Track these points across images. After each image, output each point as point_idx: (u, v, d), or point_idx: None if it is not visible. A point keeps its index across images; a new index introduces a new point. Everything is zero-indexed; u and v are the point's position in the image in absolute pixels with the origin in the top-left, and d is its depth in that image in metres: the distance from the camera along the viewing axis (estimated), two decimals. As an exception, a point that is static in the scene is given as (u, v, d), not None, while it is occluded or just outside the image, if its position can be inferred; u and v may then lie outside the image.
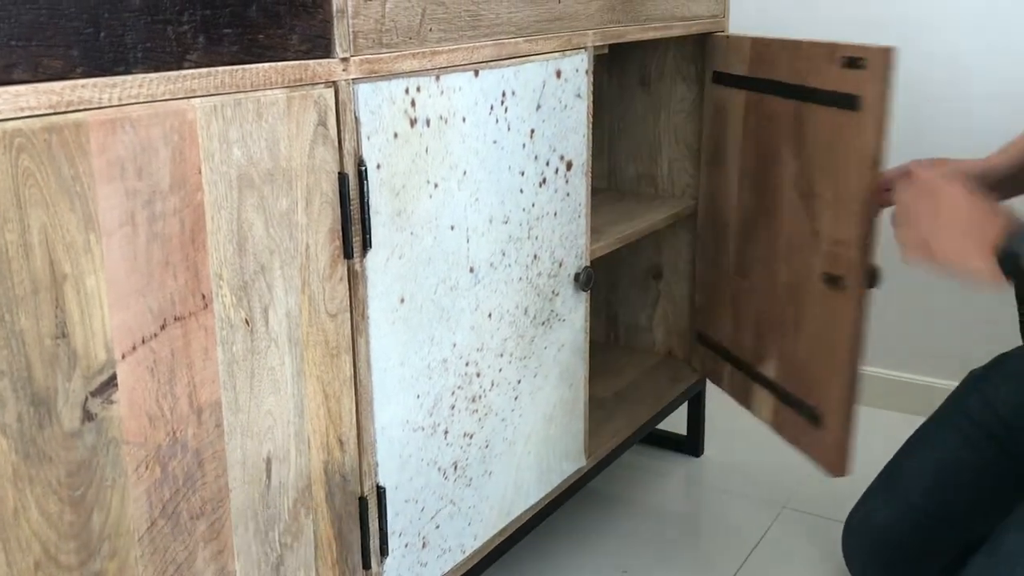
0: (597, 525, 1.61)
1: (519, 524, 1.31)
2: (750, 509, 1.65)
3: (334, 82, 0.90)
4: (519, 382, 1.23)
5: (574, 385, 1.36)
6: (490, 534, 1.24)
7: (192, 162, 0.79)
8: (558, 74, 1.20)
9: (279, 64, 0.85)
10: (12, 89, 0.67)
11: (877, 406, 2.02)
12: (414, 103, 0.99)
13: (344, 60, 0.91)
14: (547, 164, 1.21)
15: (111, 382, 0.76)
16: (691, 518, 1.64)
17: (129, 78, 0.74)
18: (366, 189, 0.95)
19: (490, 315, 1.16)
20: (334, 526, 1.00)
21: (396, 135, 0.97)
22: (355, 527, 1.02)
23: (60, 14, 0.69)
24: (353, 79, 0.92)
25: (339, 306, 0.95)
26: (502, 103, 1.11)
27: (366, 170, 0.94)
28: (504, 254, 1.16)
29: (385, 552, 1.06)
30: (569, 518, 1.63)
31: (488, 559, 1.26)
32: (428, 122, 1.01)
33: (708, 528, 1.61)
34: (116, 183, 0.74)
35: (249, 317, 0.86)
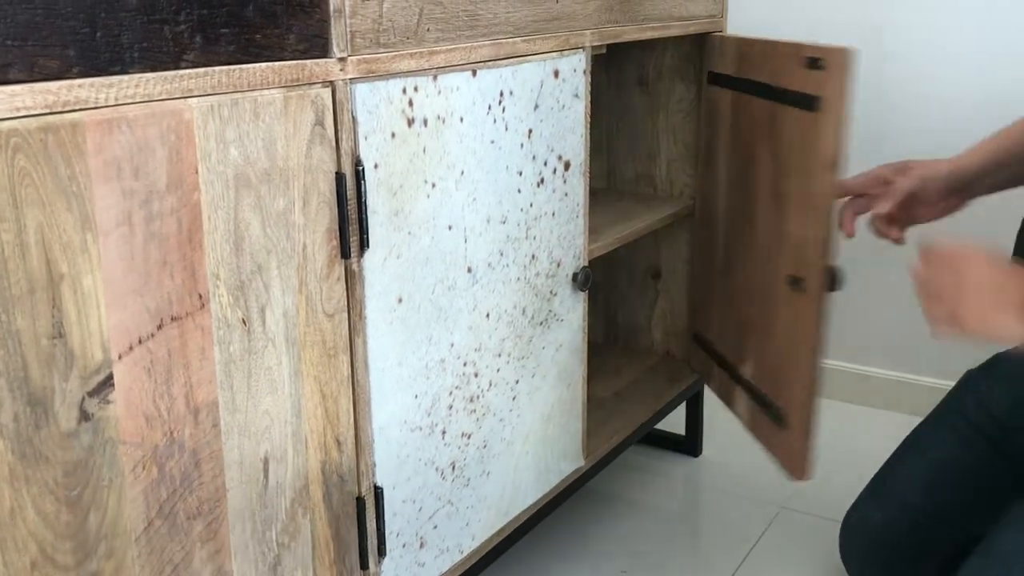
0: (595, 525, 1.61)
1: (517, 524, 1.31)
2: (748, 509, 1.65)
3: (331, 82, 0.90)
4: (517, 382, 1.23)
5: (572, 385, 1.36)
6: (488, 534, 1.24)
7: (189, 162, 0.79)
8: (556, 74, 1.20)
9: (276, 64, 0.85)
10: (8, 89, 0.67)
11: (876, 406, 2.03)
12: (412, 103, 0.99)
13: (341, 60, 0.91)
14: (545, 164, 1.21)
15: (108, 382, 0.76)
16: (689, 518, 1.64)
17: (126, 78, 0.74)
18: (363, 189, 0.95)
19: (488, 315, 1.16)
20: (331, 526, 1.00)
21: (393, 135, 0.97)
22: (352, 527, 1.02)
23: (56, 14, 0.69)
24: (350, 79, 0.92)
25: (336, 306, 0.95)
26: (500, 103, 1.11)
27: (363, 170, 0.94)
28: (502, 254, 1.16)
29: (383, 552, 1.06)
30: (567, 518, 1.63)
31: (486, 559, 1.26)
32: (426, 122, 1.01)
33: (706, 528, 1.61)
34: (113, 183, 0.74)
35: (246, 317, 0.86)
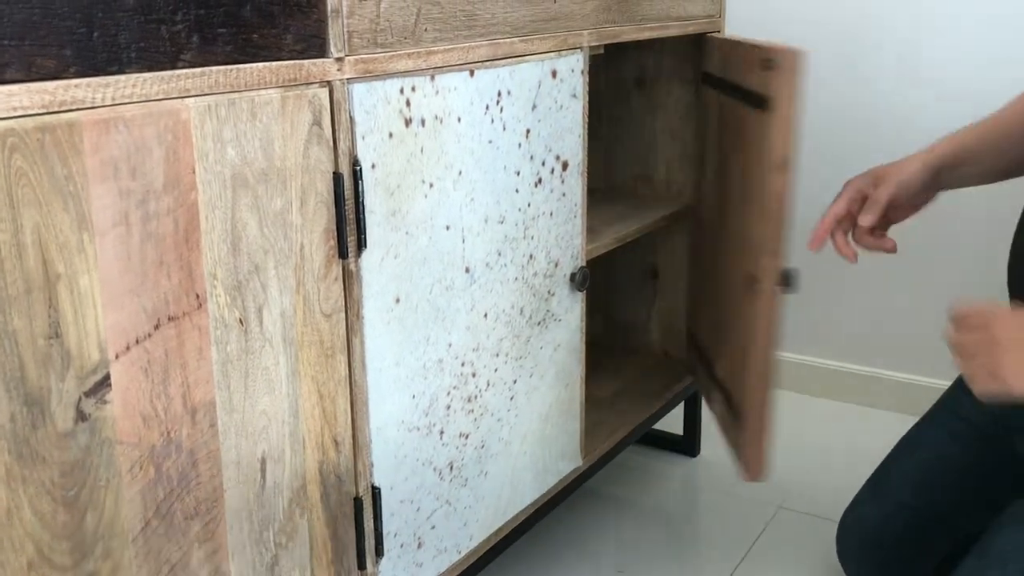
0: (593, 525, 1.61)
1: (515, 524, 1.31)
2: (746, 509, 1.66)
3: (329, 82, 0.90)
4: (515, 382, 1.23)
5: (570, 385, 1.36)
6: (486, 534, 1.24)
7: (186, 162, 0.79)
8: (554, 74, 1.20)
9: (273, 64, 0.85)
10: (5, 89, 0.66)
11: (873, 406, 2.03)
12: (409, 103, 0.99)
13: (339, 60, 0.91)
14: (543, 164, 1.21)
15: (105, 382, 0.76)
16: (687, 518, 1.64)
17: (123, 78, 0.74)
18: (361, 189, 0.95)
19: (486, 315, 1.16)
20: (329, 526, 1.00)
21: (391, 135, 0.97)
22: (350, 527, 1.02)
23: (53, 13, 0.69)
24: (348, 79, 0.92)
25: (334, 306, 0.95)
26: (497, 103, 1.11)
27: (361, 170, 0.94)
28: (500, 254, 1.16)
29: (380, 552, 1.06)
30: (565, 518, 1.63)
31: (484, 559, 1.26)
32: (423, 122, 1.01)
33: (704, 528, 1.61)
34: (110, 183, 0.73)
35: (243, 317, 0.86)
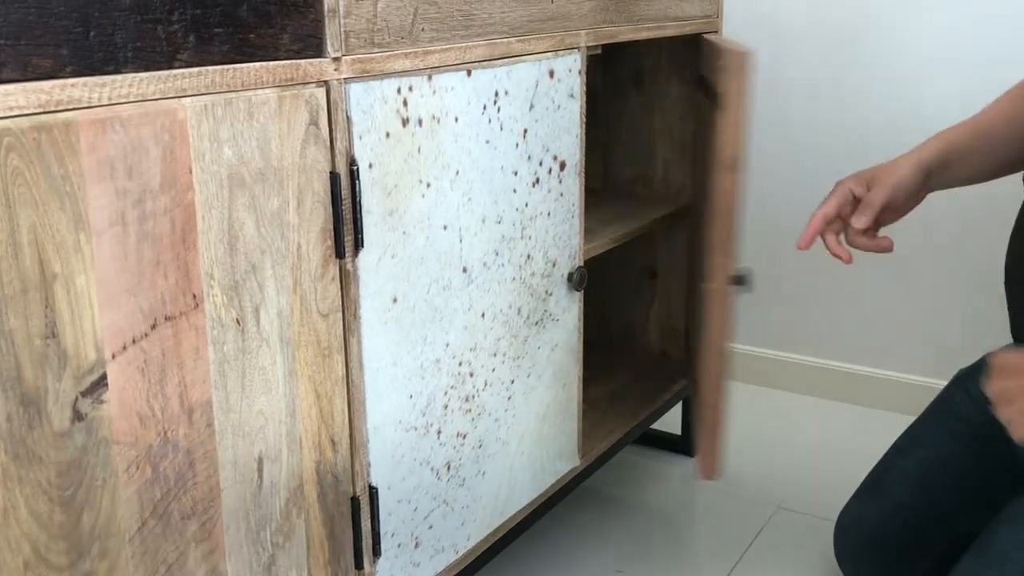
0: (591, 525, 1.61)
1: (513, 524, 1.31)
2: (744, 509, 1.66)
3: (326, 82, 0.90)
4: (512, 382, 1.23)
5: (568, 385, 1.36)
6: (484, 534, 1.24)
7: (183, 161, 0.79)
8: (551, 74, 1.20)
9: (270, 64, 0.85)
10: (1, 88, 0.66)
11: (871, 406, 2.03)
12: (406, 103, 0.99)
13: (336, 60, 0.91)
14: (540, 164, 1.21)
15: (101, 382, 0.76)
16: (685, 518, 1.64)
17: (119, 77, 0.74)
18: (358, 189, 0.95)
19: (483, 315, 1.16)
20: (326, 526, 1.00)
21: (388, 135, 0.97)
22: (347, 527, 1.02)
23: (49, 13, 0.69)
24: (345, 79, 0.92)
25: (331, 306, 0.95)
26: (495, 103, 1.11)
27: (358, 170, 0.94)
28: (497, 254, 1.16)
29: (378, 552, 1.06)
30: (563, 518, 1.63)
31: (482, 559, 1.26)
32: (420, 122, 1.01)
33: (702, 528, 1.61)
34: (106, 182, 0.73)
35: (240, 317, 0.86)
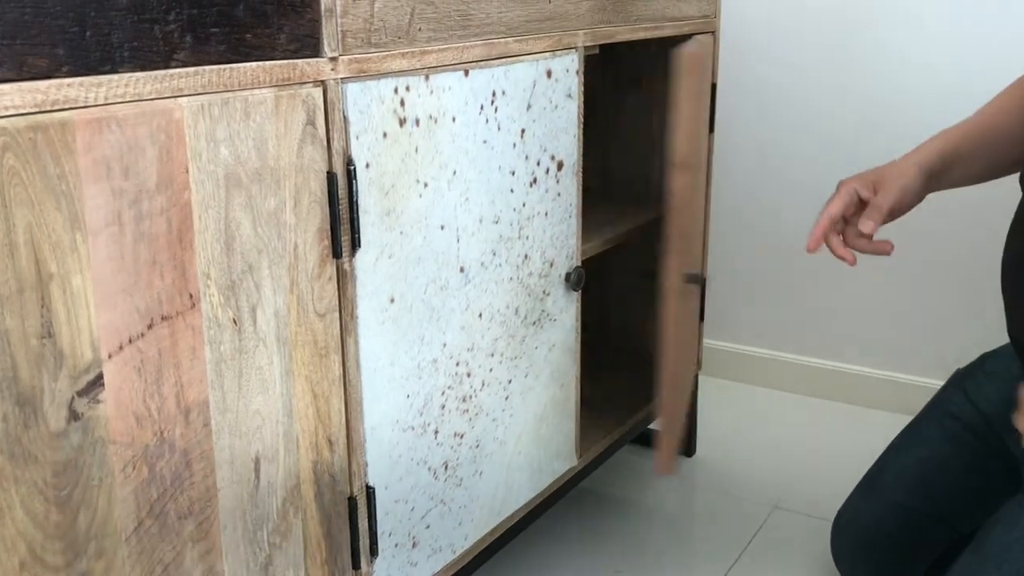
0: (589, 525, 1.61)
1: (510, 524, 1.31)
2: (742, 509, 1.66)
3: (322, 81, 0.90)
4: (510, 382, 1.23)
5: (565, 385, 1.36)
6: (481, 534, 1.24)
7: (179, 161, 0.79)
8: (548, 74, 1.20)
9: (267, 63, 0.85)
10: (-3, 88, 0.66)
11: (868, 405, 2.03)
12: (403, 103, 0.99)
13: (333, 60, 0.91)
14: (538, 164, 1.21)
15: (97, 382, 0.76)
16: (683, 518, 1.64)
17: (115, 77, 0.74)
18: (355, 188, 0.95)
19: (481, 315, 1.16)
20: (323, 526, 1.00)
21: (385, 134, 0.97)
22: (344, 527, 1.02)
23: (45, 13, 0.69)
24: (342, 78, 0.92)
25: (328, 306, 0.95)
26: (492, 103, 1.11)
27: (355, 169, 0.94)
28: (495, 254, 1.16)
29: (375, 552, 1.06)
30: (561, 518, 1.63)
31: (479, 559, 1.26)
32: (417, 122, 1.01)
33: (700, 528, 1.61)
34: (102, 182, 0.73)
35: (237, 317, 0.86)
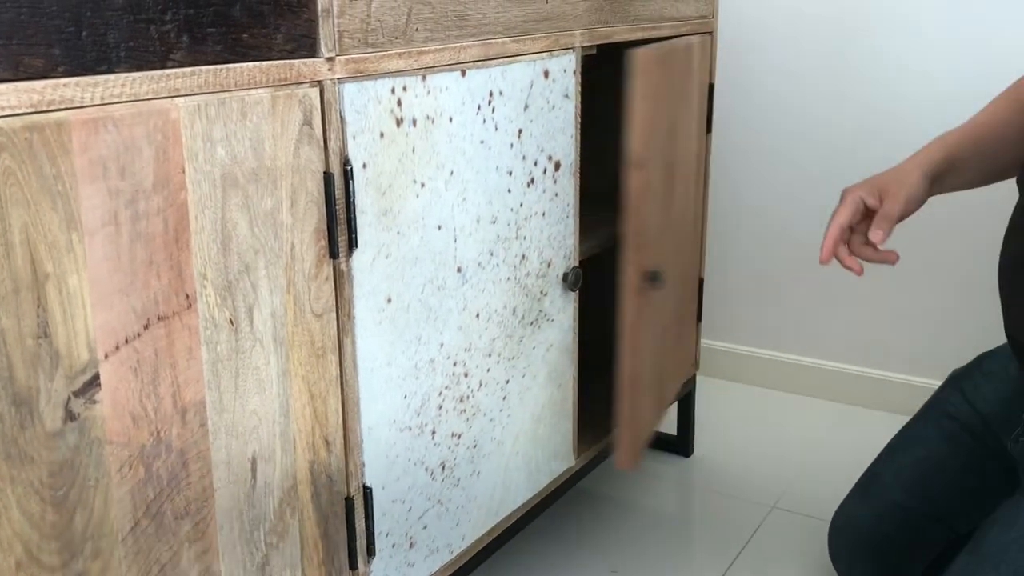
0: (587, 525, 1.61)
1: (508, 524, 1.31)
2: (740, 509, 1.66)
3: (319, 81, 0.90)
4: (507, 382, 1.23)
5: (563, 385, 1.36)
6: (478, 534, 1.24)
7: (176, 161, 0.79)
8: (546, 74, 1.20)
9: (264, 64, 0.85)
10: (-7, 88, 0.66)
11: (866, 405, 2.03)
12: (400, 103, 0.99)
13: (329, 60, 0.91)
14: (535, 164, 1.21)
15: (94, 382, 0.75)
16: (681, 518, 1.64)
17: (112, 77, 0.74)
18: (352, 189, 0.95)
19: (478, 315, 1.16)
20: (320, 526, 1.00)
21: (382, 135, 0.97)
22: (341, 527, 1.02)
23: (41, 12, 0.69)
24: (339, 79, 0.92)
25: (325, 306, 0.95)
26: (489, 103, 1.11)
27: (352, 170, 0.94)
28: (492, 254, 1.16)
29: (372, 552, 1.06)
30: (558, 518, 1.63)
31: (476, 559, 1.26)
32: (415, 122, 1.01)
33: (698, 528, 1.61)
34: (99, 182, 0.73)
35: (233, 317, 0.86)
